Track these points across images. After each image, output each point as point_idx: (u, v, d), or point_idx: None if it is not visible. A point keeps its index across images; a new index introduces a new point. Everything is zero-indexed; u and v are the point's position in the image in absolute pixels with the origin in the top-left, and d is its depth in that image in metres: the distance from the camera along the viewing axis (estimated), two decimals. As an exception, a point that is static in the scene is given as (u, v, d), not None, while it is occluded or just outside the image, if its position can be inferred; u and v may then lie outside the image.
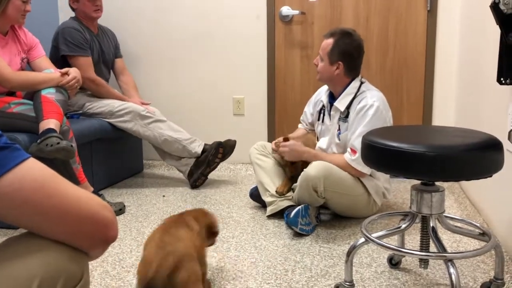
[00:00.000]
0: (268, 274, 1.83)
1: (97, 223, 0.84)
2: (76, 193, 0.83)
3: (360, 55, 2.38)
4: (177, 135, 3.05)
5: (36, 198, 0.77)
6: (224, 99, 3.57)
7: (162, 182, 3.26)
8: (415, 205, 1.56)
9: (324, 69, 2.38)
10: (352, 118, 2.32)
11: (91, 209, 0.84)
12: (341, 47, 2.33)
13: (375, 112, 2.26)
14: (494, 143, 1.41)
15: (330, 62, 2.35)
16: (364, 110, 2.27)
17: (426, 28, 3.20)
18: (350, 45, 2.33)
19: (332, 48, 2.34)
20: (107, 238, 0.86)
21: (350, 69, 2.36)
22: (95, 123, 2.92)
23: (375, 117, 2.26)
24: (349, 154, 2.28)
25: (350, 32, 2.36)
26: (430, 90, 3.25)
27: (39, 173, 0.79)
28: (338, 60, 2.33)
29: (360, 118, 2.28)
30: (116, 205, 2.58)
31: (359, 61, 2.40)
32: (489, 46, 2.25)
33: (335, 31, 2.37)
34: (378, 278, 1.79)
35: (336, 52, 2.33)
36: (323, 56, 2.38)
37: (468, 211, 2.50)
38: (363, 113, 2.27)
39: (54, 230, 0.81)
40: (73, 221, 0.82)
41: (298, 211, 2.20)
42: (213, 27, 3.49)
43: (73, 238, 0.83)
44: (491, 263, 1.88)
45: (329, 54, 2.35)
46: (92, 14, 3.04)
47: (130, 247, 2.12)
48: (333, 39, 2.34)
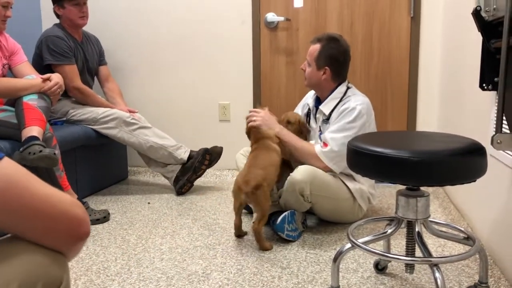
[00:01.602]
0: (254, 281, 1.82)
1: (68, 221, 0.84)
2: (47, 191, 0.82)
3: (346, 60, 2.40)
4: (162, 142, 3.03)
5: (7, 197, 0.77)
6: (209, 105, 3.57)
7: (147, 189, 3.23)
8: (401, 210, 1.57)
9: (312, 74, 2.40)
10: (333, 118, 2.34)
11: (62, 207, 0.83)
12: (327, 52, 2.35)
13: (357, 114, 2.28)
14: (478, 148, 1.42)
15: (317, 67, 2.37)
16: (345, 111, 2.30)
17: (410, 35, 3.24)
18: (336, 50, 2.35)
19: (319, 53, 2.36)
20: (80, 235, 0.86)
21: (337, 74, 2.38)
22: (79, 130, 2.88)
23: (356, 119, 2.28)
24: (320, 146, 2.31)
25: (337, 37, 2.38)
26: (414, 95, 3.29)
27: (12, 172, 0.78)
28: (325, 65, 2.35)
29: (341, 117, 2.30)
30: (101, 213, 2.55)
31: (346, 66, 2.42)
32: (472, 53, 2.28)
33: (322, 37, 2.39)
34: (365, 283, 1.79)
35: (323, 57, 2.35)
36: (310, 62, 2.40)
37: (453, 215, 2.52)
38: (344, 114, 2.30)
39: (26, 229, 0.81)
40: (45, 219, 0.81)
41: (285, 217, 2.19)
42: (199, 33, 3.49)
43: (45, 236, 0.82)
44: (476, 267, 1.90)
45: (316, 59, 2.37)
46: (77, 21, 3.01)
47: (115, 255, 2.09)
48: (320, 45, 2.36)
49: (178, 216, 2.63)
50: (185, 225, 2.48)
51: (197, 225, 2.47)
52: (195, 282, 1.82)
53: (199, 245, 2.20)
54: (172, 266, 1.97)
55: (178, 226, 2.46)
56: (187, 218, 2.59)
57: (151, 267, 1.96)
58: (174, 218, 2.59)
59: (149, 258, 2.06)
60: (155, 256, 2.07)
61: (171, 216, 2.62)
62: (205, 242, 2.23)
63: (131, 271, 1.93)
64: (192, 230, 2.39)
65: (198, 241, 2.24)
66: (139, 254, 2.10)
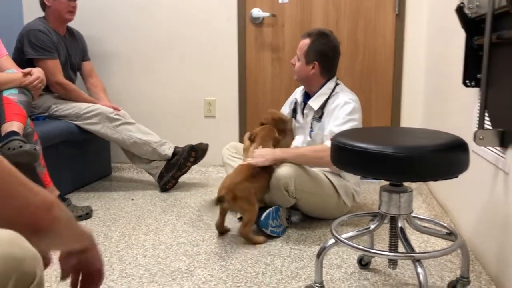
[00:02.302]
0: (238, 277, 1.81)
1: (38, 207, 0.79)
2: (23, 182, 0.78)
3: (335, 56, 2.41)
4: (146, 138, 3.00)
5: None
6: (195, 101, 3.54)
7: (131, 185, 3.20)
8: (384, 205, 1.57)
9: (301, 68, 2.40)
10: (327, 115, 2.33)
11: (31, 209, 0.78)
12: (317, 47, 2.35)
13: (352, 108, 2.28)
14: (461, 144, 1.43)
15: (306, 62, 2.37)
16: (341, 105, 2.29)
17: (395, 32, 3.25)
18: (326, 46, 2.36)
19: (308, 48, 2.36)
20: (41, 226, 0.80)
21: (326, 69, 2.39)
22: (61, 125, 2.84)
23: (354, 112, 2.28)
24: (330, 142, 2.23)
25: (327, 33, 2.39)
26: (398, 92, 3.31)
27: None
28: (314, 60, 2.36)
29: (338, 112, 2.28)
30: (83, 209, 2.52)
31: (335, 62, 2.42)
32: (455, 50, 2.30)
33: (312, 32, 2.40)
34: (348, 279, 1.79)
35: (312, 52, 2.36)
36: (300, 56, 2.40)
37: (436, 211, 2.54)
38: (341, 107, 2.29)
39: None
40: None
41: (269, 213, 2.19)
42: (183, 29, 3.46)
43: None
44: (458, 262, 1.91)
45: (305, 54, 2.37)
46: (65, 15, 2.96)
47: (97, 252, 2.06)
48: (309, 39, 2.37)
49: (162, 212, 2.61)
50: (169, 221, 2.46)
51: (181, 222, 2.45)
52: (178, 278, 1.80)
53: (182, 241, 2.18)
54: (155, 262, 1.95)
55: (162, 222, 2.44)
56: (171, 214, 2.57)
57: (134, 264, 1.94)
58: (158, 214, 2.57)
59: (132, 254, 2.04)
60: (138, 253, 2.05)
61: (154, 213, 2.60)
62: (189, 239, 2.21)
63: (114, 268, 1.91)
64: (176, 227, 2.37)
65: (181, 238, 2.23)
66: (122, 251, 2.08)
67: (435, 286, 1.72)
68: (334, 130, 2.23)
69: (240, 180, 2.13)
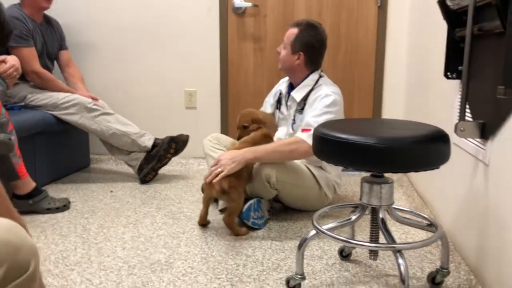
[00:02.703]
0: (219, 269, 1.79)
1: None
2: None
3: (322, 49, 2.39)
4: (125, 129, 2.95)
5: None
6: (175, 91, 3.50)
7: (110, 177, 3.15)
8: (365, 197, 1.56)
9: (286, 57, 2.38)
10: (308, 107, 2.32)
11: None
12: (304, 38, 2.33)
13: (332, 101, 2.26)
14: (442, 135, 1.43)
15: (292, 51, 2.36)
16: (320, 97, 2.28)
17: (377, 24, 3.25)
18: (313, 38, 2.34)
19: (295, 38, 2.34)
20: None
21: (311, 61, 2.37)
22: (37, 115, 2.77)
23: (333, 105, 2.26)
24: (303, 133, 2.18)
25: (316, 25, 2.37)
26: (380, 83, 3.31)
27: None
28: (300, 50, 2.34)
29: (318, 103, 2.27)
30: (61, 201, 2.46)
31: (321, 55, 2.41)
32: (437, 42, 2.30)
33: (301, 22, 2.38)
34: (329, 270, 1.79)
35: (299, 43, 2.34)
36: (286, 45, 2.38)
37: (416, 203, 2.56)
38: (321, 98, 2.28)
39: None
40: None
41: (251, 205, 2.17)
42: (164, 18, 3.40)
43: None
44: (437, 253, 1.92)
45: (292, 43, 2.35)
46: (42, 3, 2.88)
47: (75, 244, 2.02)
48: (298, 29, 2.35)
49: (142, 204, 2.57)
50: (148, 213, 2.42)
51: (161, 214, 2.42)
52: (157, 271, 1.78)
53: (162, 234, 2.15)
54: (134, 255, 1.92)
55: (141, 215, 2.41)
56: (150, 206, 2.53)
57: (112, 256, 1.91)
58: (137, 206, 2.53)
59: (110, 247, 2.00)
60: (117, 245, 2.02)
61: (134, 205, 2.56)
62: (169, 231, 2.18)
63: (92, 260, 1.87)
64: (156, 219, 2.34)
65: (161, 230, 2.19)
66: (100, 243, 2.04)
67: (416, 277, 1.73)
68: (309, 121, 2.21)
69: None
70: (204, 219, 2.24)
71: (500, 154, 1.48)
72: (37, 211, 2.40)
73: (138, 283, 1.68)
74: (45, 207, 2.41)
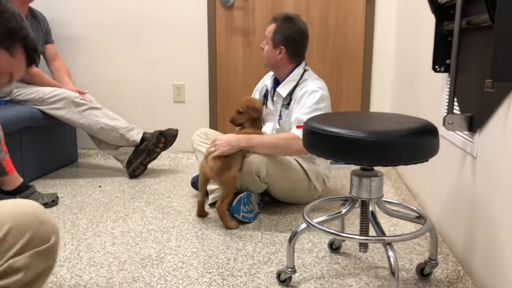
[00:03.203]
0: (210, 264, 1.79)
1: None
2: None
3: (303, 40, 2.39)
4: (113, 123, 2.92)
5: None
6: (163, 85, 3.47)
7: (98, 172, 3.13)
8: (355, 190, 1.58)
9: (268, 53, 2.39)
10: (294, 102, 2.33)
11: None
12: (282, 32, 2.33)
13: (320, 97, 2.27)
14: (431, 129, 1.44)
15: (274, 47, 2.36)
16: (307, 94, 2.28)
17: (365, 17, 3.26)
18: (291, 30, 2.34)
19: (274, 33, 2.35)
20: None
21: (294, 54, 2.37)
22: (24, 110, 2.74)
23: (321, 101, 2.27)
24: (298, 130, 2.20)
25: (292, 17, 2.36)
26: (368, 77, 3.33)
27: None
28: (280, 44, 2.34)
29: (305, 100, 2.27)
30: (49, 196, 2.44)
31: (302, 46, 2.40)
32: (425, 35, 2.32)
33: (278, 16, 2.38)
34: (319, 263, 1.80)
35: (278, 37, 2.34)
36: (267, 41, 2.38)
37: (405, 195, 2.58)
38: (308, 95, 2.28)
39: None
40: None
41: (241, 198, 2.18)
42: (152, 11, 3.37)
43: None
44: (426, 245, 1.95)
45: (272, 38, 2.36)
46: None
47: (64, 240, 2.01)
48: (275, 24, 2.36)
49: (131, 199, 2.56)
50: (138, 208, 2.41)
51: (151, 209, 2.41)
52: (148, 266, 1.77)
53: (152, 228, 2.15)
54: (124, 250, 1.92)
55: (131, 209, 2.40)
56: (140, 201, 2.52)
57: (102, 252, 1.90)
58: (126, 201, 2.52)
59: (100, 242, 1.99)
60: (107, 241, 2.01)
61: (123, 200, 2.55)
62: (159, 226, 2.18)
63: (81, 256, 1.86)
64: (146, 214, 2.33)
65: (151, 225, 2.19)
66: (90, 239, 2.03)
67: (405, 269, 1.75)
68: (301, 118, 2.22)
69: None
70: (202, 208, 2.24)
71: (488, 147, 1.50)
72: (25, 207, 2.38)
73: (129, 279, 1.68)
74: (33, 202, 2.38)
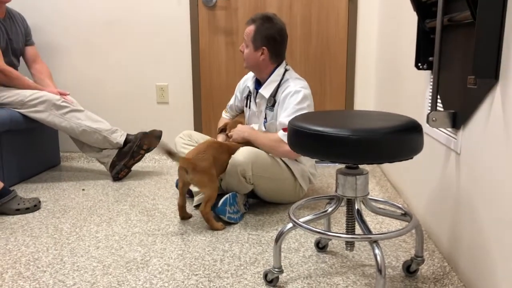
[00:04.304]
0: (196, 266, 1.78)
1: None
2: None
3: (283, 39, 2.38)
4: (96, 125, 2.88)
5: None
6: (146, 86, 3.44)
7: (81, 175, 3.08)
8: (340, 188, 1.57)
9: (249, 55, 2.37)
10: (278, 104, 2.33)
11: None
12: (263, 32, 2.32)
13: (302, 97, 2.27)
14: (415, 126, 1.45)
15: (255, 48, 2.34)
16: (291, 94, 2.28)
17: (348, 16, 3.26)
18: (272, 29, 2.33)
19: (254, 34, 2.33)
20: None
21: (275, 53, 2.36)
22: (3, 113, 2.68)
23: (304, 100, 2.27)
24: (281, 132, 2.26)
25: (271, 16, 2.36)
26: (352, 75, 3.34)
27: None
28: (262, 45, 2.33)
29: (288, 101, 2.28)
30: (31, 201, 2.40)
31: (283, 45, 2.40)
32: (407, 33, 2.33)
33: (256, 17, 2.36)
34: (306, 262, 1.80)
35: (259, 38, 2.33)
36: (247, 43, 2.37)
37: (390, 193, 2.59)
38: (290, 96, 2.28)
39: None
40: None
41: (226, 199, 2.16)
42: (133, 11, 3.34)
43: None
44: (412, 242, 1.96)
45: (253, 40, 2.34)
46: None
47: (47, 245, 1.97)
48: (254, 25, 2.34)
49: (115, 202, 2.52)
50: (122, 211, 2.38)
51: (135, 211, 2.38)
52: (133, 269, 1.75)
53: (137, 231, 2.12)
54: (108, 254, 1.89)
55: (115, 212, 2.36)
56: (124, 204, 2.49)
57: (86, 256, 1.86)
58: (110, 204, 2.49)
59: (84, 247, 1.96)
60: (91, 245, 1.98)
61: (107, 203, 2.51)
62: (143, 229, 2.15)
63: (64, 261, 1.83)
64: (130, 217, 2.30)
65: (136, 228, 2.16)
66: (73, 243, 1.99)
67: (391, 266, 1.75)
68: (283, 121, 2.25)
69: (203, 154, 2.13)
70: (184, 211, 2.22)
71: (471, 143, 1.51)
72: (6, 212, 2.33)
73: (114, 283, 1.65)
74: (14, 207, 2.34)
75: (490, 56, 1.26)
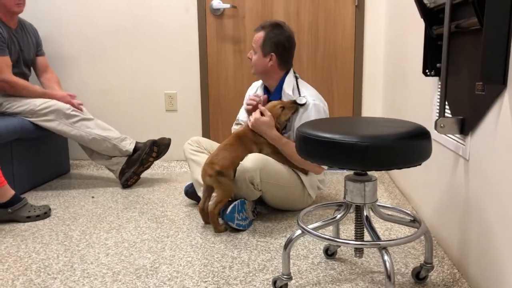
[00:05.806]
0: (205, 272, 1.78)
1: None
2: None
3: (291, 46, 2.40)
4: (106, 134, 2.91)
5: None
6: (155, 94, 3.47)
7: (91, 182, 3.10)
8: (349, 195, 1.57)
9: (258, 61, 2.39)
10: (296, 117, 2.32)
11: None
12: (272, 38, 2.34)
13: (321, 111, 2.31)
14: (423, 132, 1.45)
15: (263, 54, 2.36)
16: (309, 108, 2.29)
17: (355, 23, 3.28)
18: (281, 36, 2.35)
19: (264, 40, 2.35)
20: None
21: (283, 60, 2.38)
22: (14, 122, 2.72)
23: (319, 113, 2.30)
24: None
25: (280, 23, 2.38)
26: (359, 82, 3.34)
27: None
28: (270, 51, 2.35)
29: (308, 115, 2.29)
30: (41, 208, 2.42)
31: (291, 52, 2.42)
32: (414, 40, 2.33)
33: (265, 24, 2.39)
34: (315, 269, 1.80)
35: (268, 44, 2.35)
36: (256, 49, 2.39)
37: (398, 199, 2.59)
38: (308, 111, 2.30)
39: None
40: None
41: (235, 206, 2.17)
42: (142, 20, 3.37)
43: None
44: (421, 248, 1.95)
45: (261, 46, 2.36)
46: (13, 8, 2.81)
47: (57, 252, 1.99)
48: (264, 32, 2.37)
49: (124, 209, 2.54)
50: (131, 218, 2.40)
51: (144, 218, 2.39)
52: (143, 276, 1.76)
53: (146, 238, 2.13)
54: (118, 261, 1.90)
55: (124, 219, 2.38)
56: (133, 211, 2.51)
57: (96, 263, 1.88)
58: (120, 211, 2.50)
59: (93, 254, 1.97)
60: (100, 252, 1.99)
61: (116, 210, 2.53)
62: (152, 235, 2.16)
63: (75, 268, 1.84)
64: (139, 224, 2.32)
65: (145, 235, 2.17)
66: (83, 250, 2.01)
67: (400, 273, 1.75)
68: None
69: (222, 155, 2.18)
70: (206, 214, 2.25)
71: (480, 149, 1.50)
72: (17, 220, 2.35)
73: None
74: (25, 215, 2.36)
75: (497, 62, 1.26)
